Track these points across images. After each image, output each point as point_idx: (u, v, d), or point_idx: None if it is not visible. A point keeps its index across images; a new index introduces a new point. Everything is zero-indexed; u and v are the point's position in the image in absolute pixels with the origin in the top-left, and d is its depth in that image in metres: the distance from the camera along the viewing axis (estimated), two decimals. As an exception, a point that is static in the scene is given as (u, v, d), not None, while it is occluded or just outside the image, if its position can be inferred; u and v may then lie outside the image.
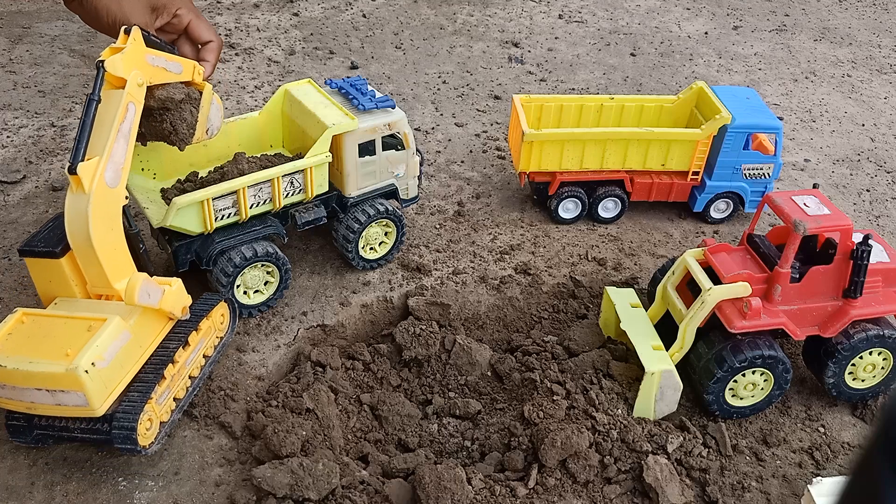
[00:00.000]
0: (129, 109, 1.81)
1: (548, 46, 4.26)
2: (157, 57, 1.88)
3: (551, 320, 2.42)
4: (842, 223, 1.99)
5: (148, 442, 1.80)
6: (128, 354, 1.77)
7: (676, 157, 2.76)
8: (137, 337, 1.80)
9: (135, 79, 1.81)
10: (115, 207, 1.80)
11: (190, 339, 1.96)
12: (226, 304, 2.13)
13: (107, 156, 1.75)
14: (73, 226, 1.75)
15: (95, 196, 1.73)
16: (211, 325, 2.07)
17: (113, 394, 1.73)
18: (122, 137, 1.80)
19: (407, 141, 2.40)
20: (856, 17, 5.01)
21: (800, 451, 2.07)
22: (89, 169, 1.72)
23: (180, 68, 1.97)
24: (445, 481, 1.77)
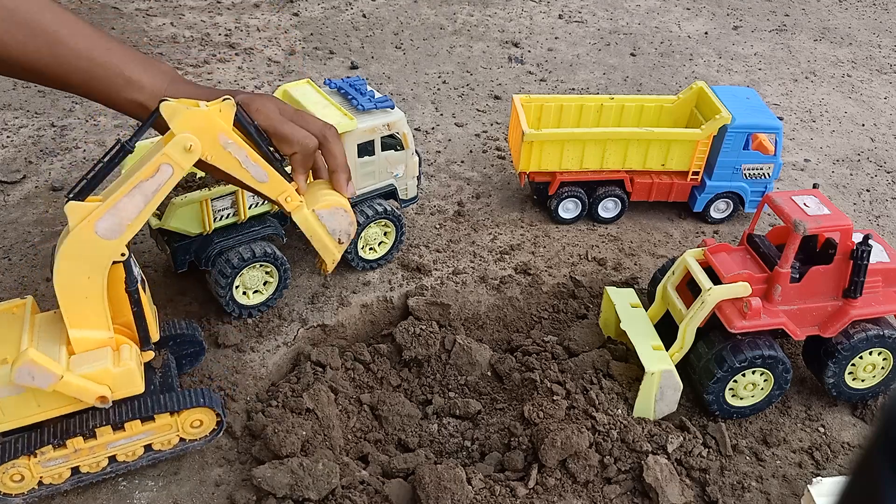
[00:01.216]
0: (162, 170, 1.53)
1: (548, 46, 4.26)
2: (237, 146, 1.57)
3: (551, 320, 2.42)
4: (842, 223, 1.99)
5: (13, 492, 1.67)
6: (15, 406, 1.58)
7: (676, 157, 2.76)
8: (37, 396, 1.59)
9: (183, 141, 1.51)
10: (100, 258, 1.57)
11: (128, 427, 1.71)
12: (211, 413, 1.80)
13: (109, 205, 1.53)
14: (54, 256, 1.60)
15: (72, 238, 1.54)
16: (173, 424, 1.76)
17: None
18: (141, 195, 1.54)
19: (406, 141, 2.40)
20: (856, 17, 5.01)
21: (800, 451, 2.07)
22: (79, 211, 1.53)
23: (265, 177, 1.62)
24: (445, 481, 1.77)
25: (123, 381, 1.64)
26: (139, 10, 4.24)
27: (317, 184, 1.77)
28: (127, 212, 1.55)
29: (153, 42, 3.92)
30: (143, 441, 1.77)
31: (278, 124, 1.65)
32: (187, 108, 1.50)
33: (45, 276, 2.40)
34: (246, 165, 1.59)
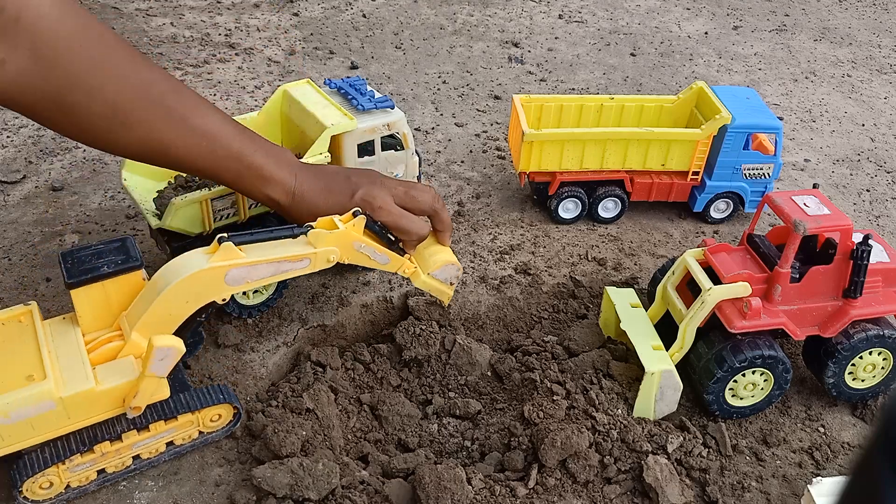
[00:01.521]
0: (303, 262, 1.79)
1: (548, 46, 4.26)
2: (367, 246, 1.87)
3: (551, 320, 2.42)
4: (842, 223, 1.99)
5: (40, 498, 1.71)
6: (45, 422, 1.63)
7: (676, 157, 2.76)
8: (68, 410, 1.65)
9: (327, 254, 1.81)
10: (209, 294, 1.73)
11: (153, 427, 1.79)
12: (230, 408, 1.90)
13: (249, 263, 1.72)
14: (174, 267, 1.71)
15: (209, 270, 1.68)
16: (194, 420, 1.85)
17: (11, 447, 1.62)
18: (275, 268, 1.76)
19: (406, 141, 2.40)
20: (856, 17, 5.01)
21: (800, 451, 2.07)
22: (228, 254, 1.69)
23: (385, 259, 1.94)
24: (445, 481, 1.77)
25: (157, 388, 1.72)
26: (139, 10, 4.24)
27: (424, 243, 2.08)
28: (256, 273, 1.76)
29: (153, 42, 3.92)
30: (166, 438, 1.84)
31: (398, 218, 1.95)
32: (329, 232, 1.80)
33: (46, 276, 2.40)
34: (374, 257, 1.92)
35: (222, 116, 1.81)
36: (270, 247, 1.77)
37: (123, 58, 1.66)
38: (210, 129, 1.75)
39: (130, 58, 1.67)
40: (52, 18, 1.54)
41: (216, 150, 1.76)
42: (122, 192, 2.78)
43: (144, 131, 1.69)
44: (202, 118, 1.76)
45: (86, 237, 2.57)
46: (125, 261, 1.76)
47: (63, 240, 2.55)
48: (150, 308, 1.69)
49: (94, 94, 1.60)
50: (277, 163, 1.86)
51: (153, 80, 1.71)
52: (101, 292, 1.75)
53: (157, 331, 1.72)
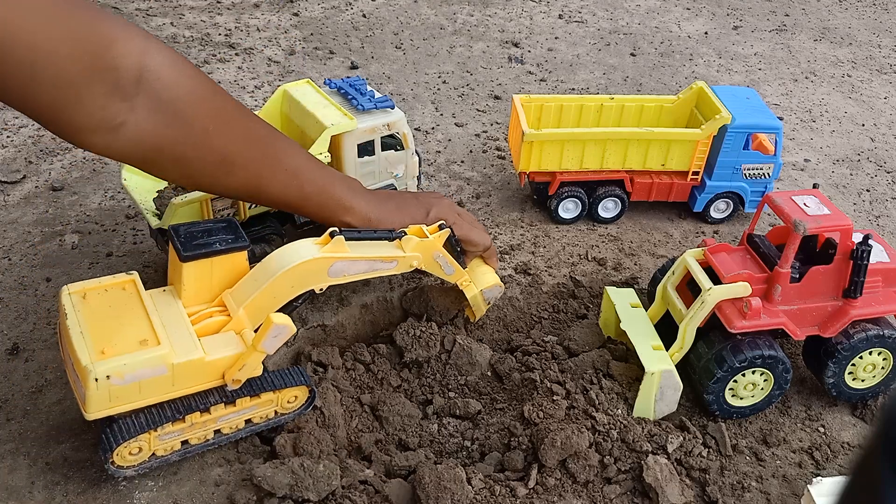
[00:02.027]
0: (392, 263, 1.97)
1: (548, 46, 4.26)
2: (443, 257, 2.06)
3: (551, 320, 2.42)
4: (842, 223, 1.99)
5: (126, 464, 1.75)
6: (154, 386, 1.70)
7: (676, 157, 2.76)
8: (176, 377, 1.72)
9: (411, 259, 1.99)
10: (312, 283, 1.87)
11: (238, 402, 1.85)
12: (306, 390, 1.95)
13: (349, 258, 1.87)
14: (283, 254, 1.83)
15: (320, 259, 1.82)
16: (274, 400, 1.91)
17: (115, 409, 1.68)
18: (369, 266, 1.92)
19: (406, 141, 2.40)
20: (856, 17, 5.01)
21: (800, 451, 2.07)
22: (339, 246, 1.84)
23: (452, 271, 2.13)
24: (445, 481, 1.77)
25: (252, 366, 1.80)
26: (139, 10, 4.24)
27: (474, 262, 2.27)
28: (354, 268, 1.91)
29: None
30: (247, 415, 1.89)
31: (469, 231, 2.15)
32: (419, 239, 2.00)
33: (46, 276, 2.40)
34: (444, 268, 2.10)
35: (306, 154, 1.97)
36: (369, 246, 1.92)
37: (231, 110, 1.79)
38: (299, 167, 1.90)
39: (235, 108, 1.80)
40: (171, 79, 1.62)
41: (304, 185, 1.91)
42: (122, 192, 2.78)
43: (245, 175, 1.82)
44: (292, 158, 1.90)
45: (86, 237, 2.57)
46: (234, 240, 1.83)
47: (63, 240, 2.55)
48: (261, 289, 1.79)
49: (207, 147, 1.71)
50: (352, 192, 2.00)
51: (253, 127, 1.84)
52: (208, 268, 1.83)
53: (261, 310, 1.82)
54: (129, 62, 1.52)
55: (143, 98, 1.57)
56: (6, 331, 2.20)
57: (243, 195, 1.98)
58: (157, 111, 1.59)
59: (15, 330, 2.21)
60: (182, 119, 1.65)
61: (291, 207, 2.01)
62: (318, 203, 1.96)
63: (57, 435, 1.93)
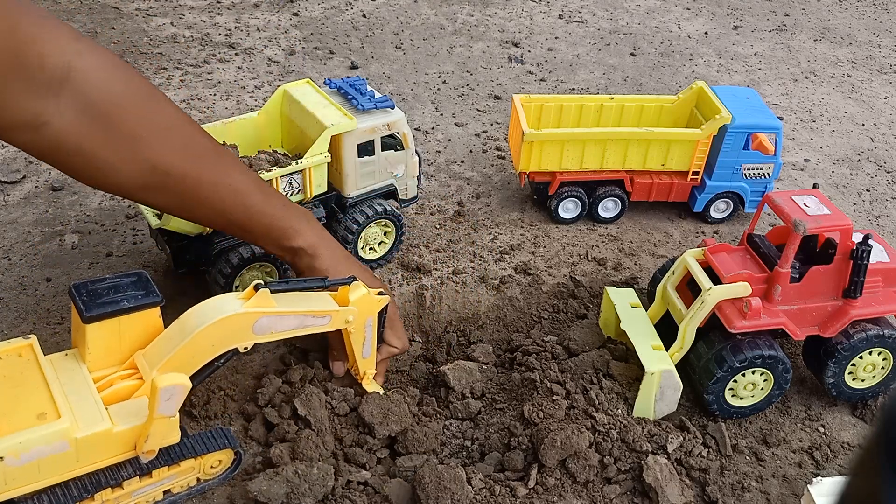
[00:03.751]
0: (324, 319, 1.80)
1: (548, 46, 4.26)
2: (371, 329, 1.93)
3: (551, 320, 2.42)
4: (842, 223, 1.99)
5: None
6: (56, 463, 1.53)
7: (676, 157, 2.76)
8: (80, 452, 1.55)
9: (348, 313, 1.83)
10: (235, 340, 1.69)
11: (155, 473, 1.69)
12: (231, 453, 1.82)
13: (277, 314, 1.70)
14: (206, 308, 1.65)
15: (243, 314, 1.64)
16: (195, 466, 1.77)
17: (12, 493, 1.51)
18: (298, 322, 1.76)
19: (406, 141, 2.40)
20: (856, 17, 5.01)
21: (800, 451, 2.07)
22: (263, 302, 1.67)
23: (368, 354, 1.99)
24: (445, 481, 1.77)
25: (170, 431, 1.64)
26: (139, 10, 4.23)
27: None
28: (282, 325, 1.74)
29: (153, 42, 3.92)
30: (165, 486, 1.75)
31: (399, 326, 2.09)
32: (366, 290, 1.84)
33: (46, 276, 2.40)
34: (366, 343, 1.94)
35: (254, 175, 1.89)
36: (298, 299, 1.77)
37: (170, 118, 1.69)
38: (244, 186, 1.79)
39: (176, 117, 1.70)
40: (101, 81, 1.54)
41: (249, 206, 1.80)
42: (122, 192, 2.78)
43: (179, 189, 1.71)
44: (237, 176, 1.80)
45: (86, 237, 2.57)
46: (145, 295, 1.68)
47: (63, 240, 2.55)
48: (177, 348, 1.62)
49: (135, 154, 1.61)
50: (303, 218, 1.93)
51: (194, 140, 1.74)
52: (116, 328, 1.67)
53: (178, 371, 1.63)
54: (55, 61, 1.46)
55: (68, 98, 1.50)
56: (6, 331, 2.20)
57: (176, 210, 1.84)
58: (83, 113, 1.51)
59: (15, 330, 2.21)
60: (109, 122, 1.55)
61: (233, 228, 1.88)
62: (263, 225, 1.84)
63: (57, 435, 1.93)
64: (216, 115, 3.29)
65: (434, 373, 2.21)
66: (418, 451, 1.95)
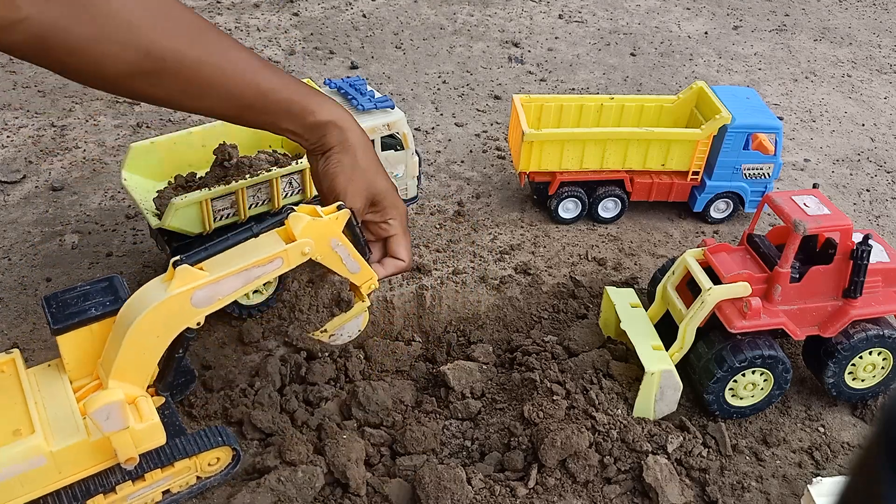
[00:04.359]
0: (274, 262, 1.60)
1: (548, 46, 4.26)
2: (343, 246, 1.68)
3: (551, 320, 2.42)
4: (842, 223, 1.99)
5: None
6: (35, 478, 1.52)
7: (676, 157, 2.76)
8: (59, 464, 1.54)
9: (302, 246, 1.61)
10: (180, 322, 1.57)
11: (148, 476, 1.67)
12: (228, 451, 1.80)
13: (215, 280, 1.55)
14: (133, 303, 1.57)
15: (171, 299, 1.52)
16: (192, 465, 1.75)
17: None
18: (245, 277, 1.59)
19: (406, 141, 2.40)
20: (856, 17, 5.01)
21: (800, 451, 2.07)
22: (187, 276, 1.52)
23: (357, 269, 1.73)
24: (445, 481, 1.77)
25: (148, 435, 1.60)
26: (139, 10, 4.23)
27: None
28: (226, 288, 1.58)
29: (153, 42, 3.92)
30: (162, 487, 1.73)
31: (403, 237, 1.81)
32: (312, 218, 1.61)
33: (46, 276, 2.40)
34: (346, 261, 1.71)
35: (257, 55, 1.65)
36: (237, 255, 1.60)
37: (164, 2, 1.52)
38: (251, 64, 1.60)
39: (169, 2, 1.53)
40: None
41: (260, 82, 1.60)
42: (122, 192, 2.78)
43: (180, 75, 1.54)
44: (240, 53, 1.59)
45: (86, 237, 2.57)
46: (113, 301, 1.63)
47: (63, 240, 2.55)
48: (119, 351, 1.54)
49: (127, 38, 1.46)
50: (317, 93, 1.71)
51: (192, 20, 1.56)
52: (89, 337, 1.63)
53: (136, 373, 1.60)
54: None
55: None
56: (6, 331, 2.20)
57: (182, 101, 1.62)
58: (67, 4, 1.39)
59: (15, 330, 2.21)
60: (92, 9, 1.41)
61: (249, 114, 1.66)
62: (282, 102, 1.63)
63: (57, 435, 1.93)
64: (216, 115, 3.29)
65: (434, 373, 2.21)
66: (418, 451, 1.95)
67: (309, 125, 1.67)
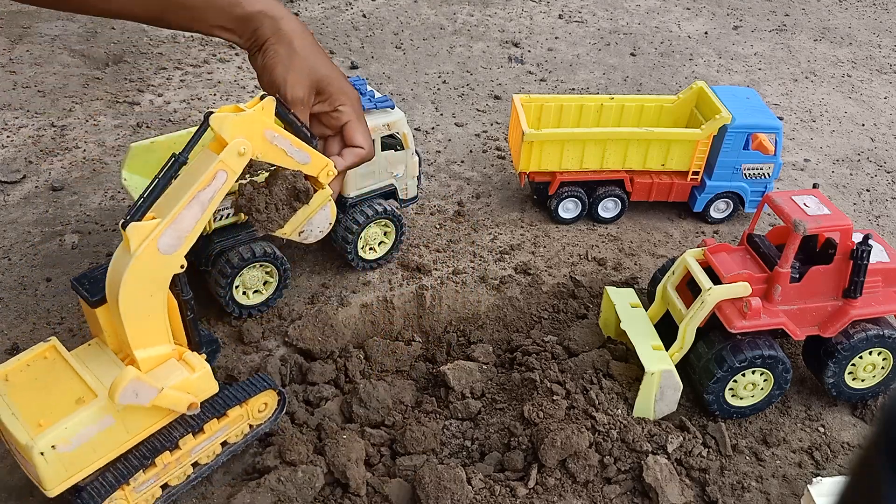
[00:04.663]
0: (218, 177, 1.56)
1: (548, 46, 4.26)
2: (281, 137, 1.58)
3: (551, 320, 2.42)
4: (842, 223, 1.99)
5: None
6: (106, 440, 1.59)
7: (676, 157, 2.76)
8: (126, 423, 1.61)
9: (236, 147, 1.54)
10: (163, 274, 1.57)
11: (207, 427, 1.76)
12: (274, 393, 1.89)
13: (170, 220, 1.53)
14: (111, 279, 1.58)
15: (138, 259, 1.52)
16: (244, 413, 1.84)
17: (73, 478, 1.57)
18: (198, 204, 1.56)
19: (406, 141, 2.40)
20: (856, 17, 5.01)
21: (800, 451, 2.07)
22: (141, 231, 1.51)
23: (307, 159, 1.63)
24: (445, 481, 1.77)
25: (202, 384, 1.68)
26: (139, 10, 4.23)
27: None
28: (186, 223, 1.56)
29: (153, 42, 3.92)
30: (220, 438, 1.83)
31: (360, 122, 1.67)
32: (235, 115, 1.53)
33: (46, 276, 2.40)
34: (291, 153, 1.62)
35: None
36: (179, 189, 1.57)
37: None
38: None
39: None
40: None
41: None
42: (122, 192, 2.78)
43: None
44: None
45: (86, 237, 2.57)
46: None
47: (63, 240, 2.55)
48: (124, 326, 1.58)
49: None
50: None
51: None
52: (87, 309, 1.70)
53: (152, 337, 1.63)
54: None
55: None
56: (6, 331, 2.20)
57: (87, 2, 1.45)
58: None
59: (15, 330, 2.21)
60: None
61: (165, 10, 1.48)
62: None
63: (57, 435, 1.93)
64: (216, 115, 3.29)
65: (434, 373, 2.21)
66: (418, 451, 1.95)
67: (237, 17, 1.51)
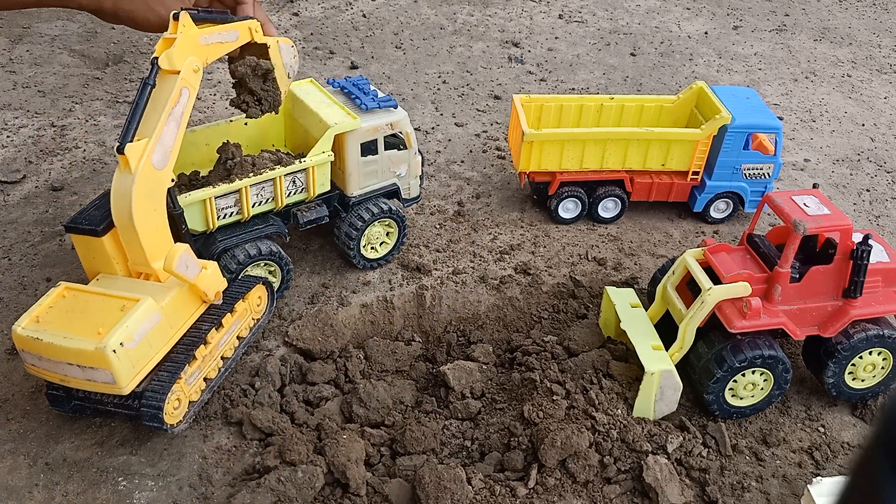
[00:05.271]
0: (183, 94, 1.85)
1: (548, 46, 4.26)
2: (210, 34, 1.87)
3: (551, 320, 2.42)
4: (842, 223, 1.99)
5: (175, 421, 1.86)
6: (157, 335, 1.82)
7: (676, 156, 2.76)
8: (169, 318, 1.84)
9: (190, 65, 1.84)
10: (159, 188, 1.84)
11: (224, 321, 2.00)
12: (263, 287, 2.17)
13: (155, 138, 1.80)
14: (118, 204, 1.80)
15: (140, 176, 1.77)
16: (247, 308, 2.11)
17: (140, 373, 1.78)
18: (174, 121, 1.84)
19: (409, 141, 2.40)
20: (856, 17, 5.01)
21: (800, 451, 2.07)
22: (137, 150, 1.77)
23: (236, 35, 1.95)
24: (445, 481, 1.77)
25: (216, 277, 1.95)
26: (139, 10, 4.23)
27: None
28: (168, 139, 1.83)
29: (153, 42, 3.92)
30: (235, 332, 2.07)
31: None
32: (174, 47, 1.80)
33: (46, 276, 2.40)
34: (224, 39, 1.92)
35: None
36: (154, 111, 1.81)
37: None
38: None
39: None
40: None
41: None
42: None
43: None
44: None
45: (86, 237, 2.57)
46: None
47: (63, 240, 2.55)
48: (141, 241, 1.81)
49: None
50: None
51: None
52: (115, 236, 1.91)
53: (162, 247, 1.87)
54: None
55: None
56: (6, 331, 2.20)
57: None
58: None
59: (15, 330, 2.21)
60: None
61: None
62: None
63: (57, 435, 1.94)
64: (216, 115, 3.29)
65: (434, 373, 2.21)
66: (418, 451, 1.95)
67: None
